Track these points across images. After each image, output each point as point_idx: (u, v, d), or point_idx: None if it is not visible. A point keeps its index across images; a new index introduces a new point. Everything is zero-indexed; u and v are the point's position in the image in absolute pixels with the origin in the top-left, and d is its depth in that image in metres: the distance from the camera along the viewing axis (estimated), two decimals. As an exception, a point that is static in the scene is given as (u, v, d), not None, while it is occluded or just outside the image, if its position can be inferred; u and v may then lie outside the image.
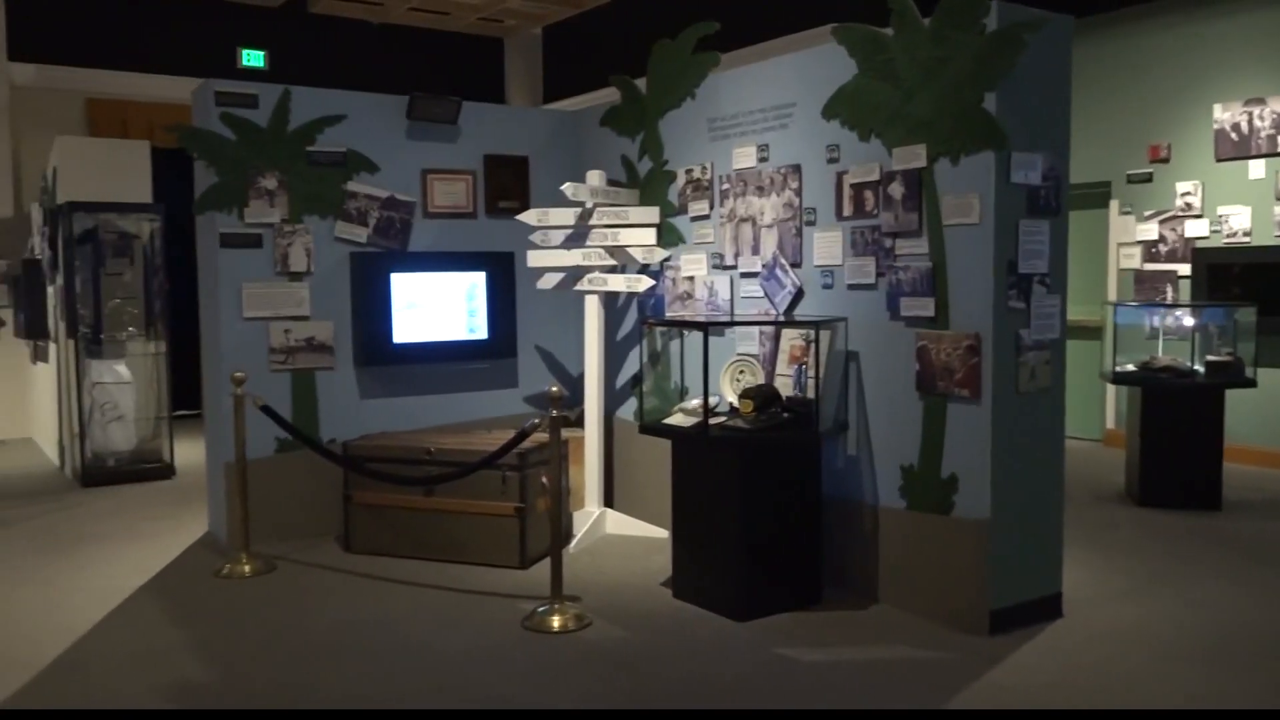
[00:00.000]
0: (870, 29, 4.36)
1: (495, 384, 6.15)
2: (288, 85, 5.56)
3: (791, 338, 4.74)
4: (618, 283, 5.48)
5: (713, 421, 4.41)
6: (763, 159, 4.96)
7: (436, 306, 5.86)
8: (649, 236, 5.44)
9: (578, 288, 5.56)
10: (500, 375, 6.17)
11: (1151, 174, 8.05)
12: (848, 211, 4.56)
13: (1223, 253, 7.57)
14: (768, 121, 4.93)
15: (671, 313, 5.50)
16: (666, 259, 5.51)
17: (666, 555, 4.83)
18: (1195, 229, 7.78)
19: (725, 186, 5.18)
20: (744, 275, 5.09)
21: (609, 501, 5.85)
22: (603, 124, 5.97)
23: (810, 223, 4.74)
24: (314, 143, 5.58)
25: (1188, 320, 6.84)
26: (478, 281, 5.95)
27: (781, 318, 4.82)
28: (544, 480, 4.82)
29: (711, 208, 5.27)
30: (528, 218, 5.54)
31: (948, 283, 4.15)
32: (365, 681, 3.73)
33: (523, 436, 4.58)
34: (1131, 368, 6.51)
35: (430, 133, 5.91)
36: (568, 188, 5.34)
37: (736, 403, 4.56)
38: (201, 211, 5.50)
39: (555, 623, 4.22)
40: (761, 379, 4.83)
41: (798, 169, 4.78)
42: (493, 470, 4.90)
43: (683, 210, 5.44)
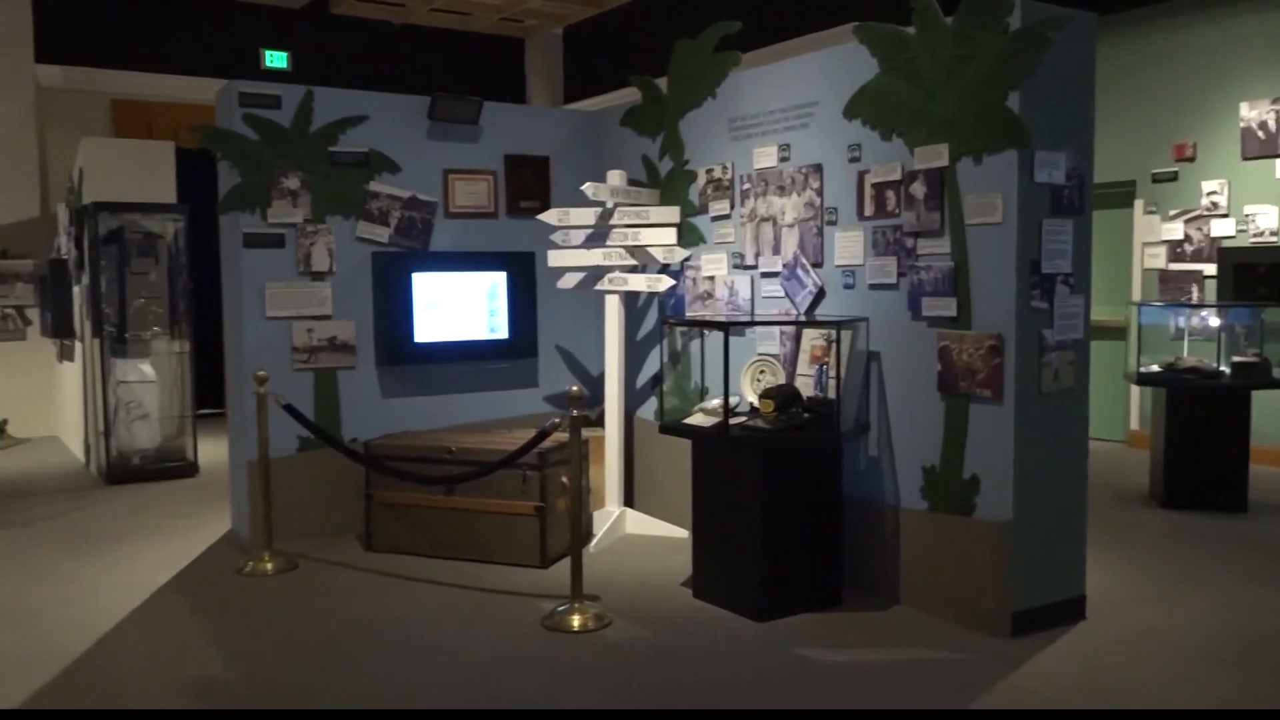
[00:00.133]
0: (892, 28, 4.34)
1: (516, 383, 6.17)
2: (310, 86, 5.60)
3: (812, 338, 4.73)
4: (638, 282, 5.48)
5: (733, 421, 4.40)
6: (784, 158, 4.95)
7: (457, 306, 5.88)
8: (669, 236, 5.43)
9: (598, 287, 5.57)
10: (521, 375, 6.19)
11: (1177, 173, 7.98)
12: (869, 211, 4.54)
13: (1249, 252, 7.49)
14: (789, 121, 4.92)
15: (692, 312, 5.49)
16: (687, 259, 5.50)
17: (686, 555, 4.82)
18: (1221, 228, 7.70)
19: (746, 186, 5.17)
20: (765, 275, 5.08)
21: (629, 501, 5.85)
22: (623, 124, 5.98)
23: (831, 222, 4.73)
24: (336, 143, 5.61)
25: (1213, 320, 6.77)
26: (498, 281, 5.97)
27: (802, 318, 4.81)
28: (564, 480, 4.83)
29: (732, 207, 5.27)
30: (548, 217, 5.55)
31: (970, 283, 4.12)
32: (385, 680, 3.75)
33: (543, 436, 4.58)
34: (1156, 368, 6.45)
35: (451, 133, 5.93)
36: (588, 187, 5.35)
37: (757, 403, 4.55)
38: (225, 211, 5.54)
39: (575, 622, 4.22)
40: (782, 379, 4.82)
41: (819, 168, 4.76)
42: (513, 470, 4.92)
43: (703, 210, 5.43)
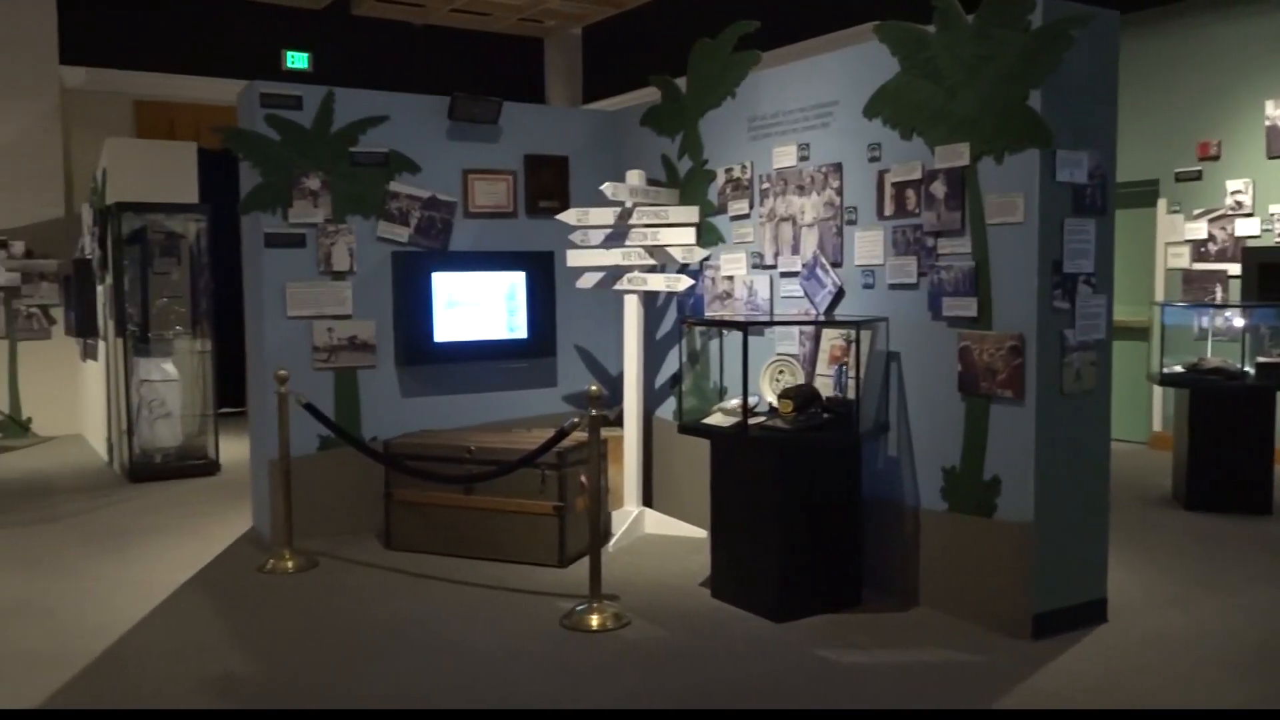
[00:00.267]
0: (913, 26, 4.32)
1: (535, 383, 6.18)
2: (331, 87, 5.62)
3: (832, 338, 4.72)
4: (657, 282, 5.48)
5: (752, 421, 4.40)
6: (803, 158, 4.94)
7: (477, 306, 5.90)
8: (688, 236, 5.43)
9: (617, 287, 5.57)
10: (540, 374, 6.20)
11: (1201, 172, 7.90)
12: (889, 211, 4.52)
13: (1274, 252, 7.40)
14: (808, 120, 4.90)
15: (711, 312, 5.49)
16: (706, 258, 5.50)
17: (705, 555, 4.82)
18: (1246, 228, 7.62)
19: (765, 186, 5.16)
20: (784, 275, 5.07)
21: (648, 501, 5.85)
22: (643, 123, 5.98)
23: (851, 222, 4.71)
24: (357, 143, 5.63)
25: (1237, 321, 6.71)
26: (518, 281, 5.98)
27: (822, 318, 4.79)
28: (583, 479, 4.84)
29: (751, 207, 5.26)
30: (567, 217, 5.55)
31: (990, 282, 4.10)
32: (404, 678, 3.76)
33: (562, 435, 4.59)
34: (1179, 369, 6.39)
35: (471, 133, 5.94)
36: (607, 187, 5.35)
37: (776, 403, 4.55)
38: (247, 211, 5.57)
39: (594, 621, 4.22)
40: (801, 379, 4.80)
41: (839, 168, 4.75)
42: (532, 469, 4.92)
43: (722, 210, 5.42)
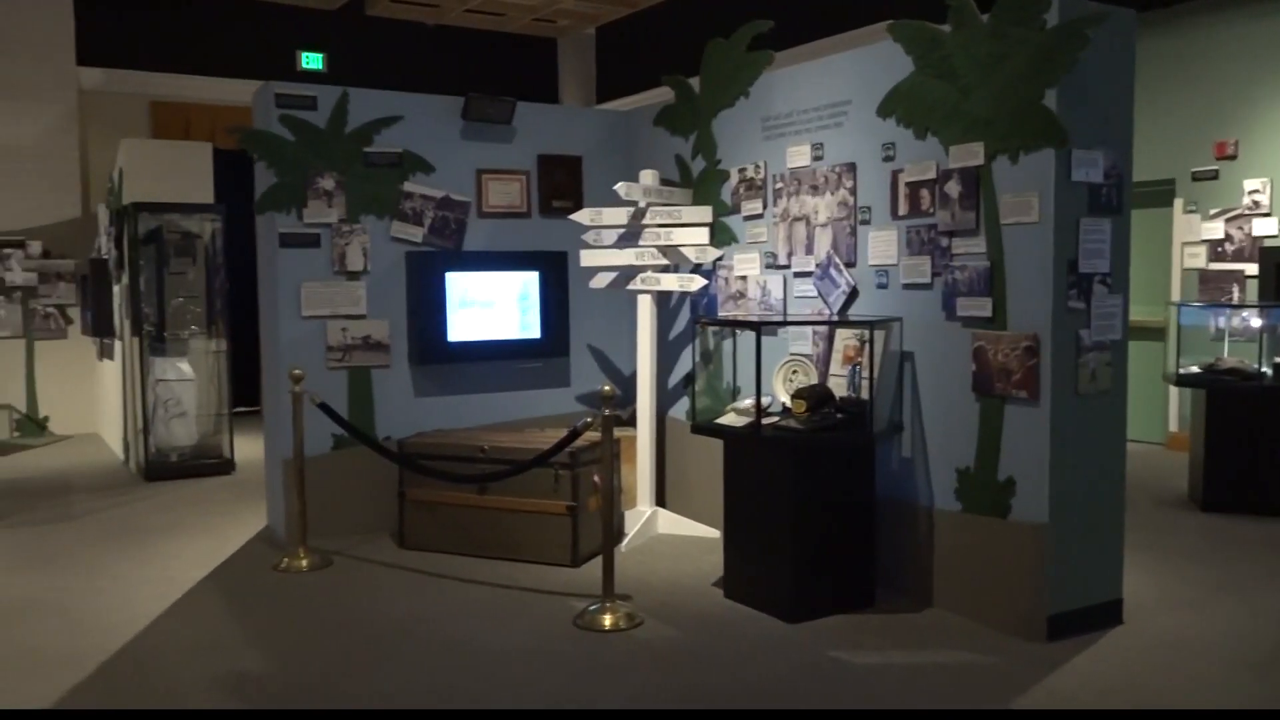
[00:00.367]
0: (927, 25, 4.31)
1: (548, 383, 6.18)
2: (346, 87, 5.64)
3: (845, 338, 4.71)
4: (670, 282, 5.47)
5: (765, 421, 4.39)
6: (817, 157, 4.93)
7: (490, 306, 5.90)
8: (702, 236, 5.42)
9: (630, 287, 5.57)
10: (553, 374, 6.20)
11: (1218, 171, 7.85)
12: (903, 210, 4.51)
13: (1292, 252, 7.36)
14: (822, 120, 4.90)
15: (724, 312, 5.48)
16: (719, 258, 5.49)
17: (718, 555, 4.81)
18: (1263, 227, 7.57)
19: (779, 185, 5.15)
20: (797, 275, 5.06)
21: (661, 501, 5.85)
22: (656, 123, 5.98)
23: (865, 221, 4.70)
24: (371, 143, 5.65)
25: (1255, 321, 6.66)
26: (531, 281, 5.99)
27: (835, 318, 4.78)
28: (596, 479, 4.84)
29: (765, 207, 5.25)
30: (581, 217, 5.56)
31: (1005, 282, 4.08)
32: (417, 676, 3.77)
33: (575, 435, 4.59)
34: (1196, 369, 6.36)
35: (485, 133, 5.95)
36: (621, 187, 5.35)
37: (789, 403, 4.54)
38: (262, 212, 5.59)
39: (607, 621, 4.23)
40: (815, 379, 4.80)
41: (852, 167, 4.74)
42: (545, 468, 4.93)
43: (736, 209, 5.42)
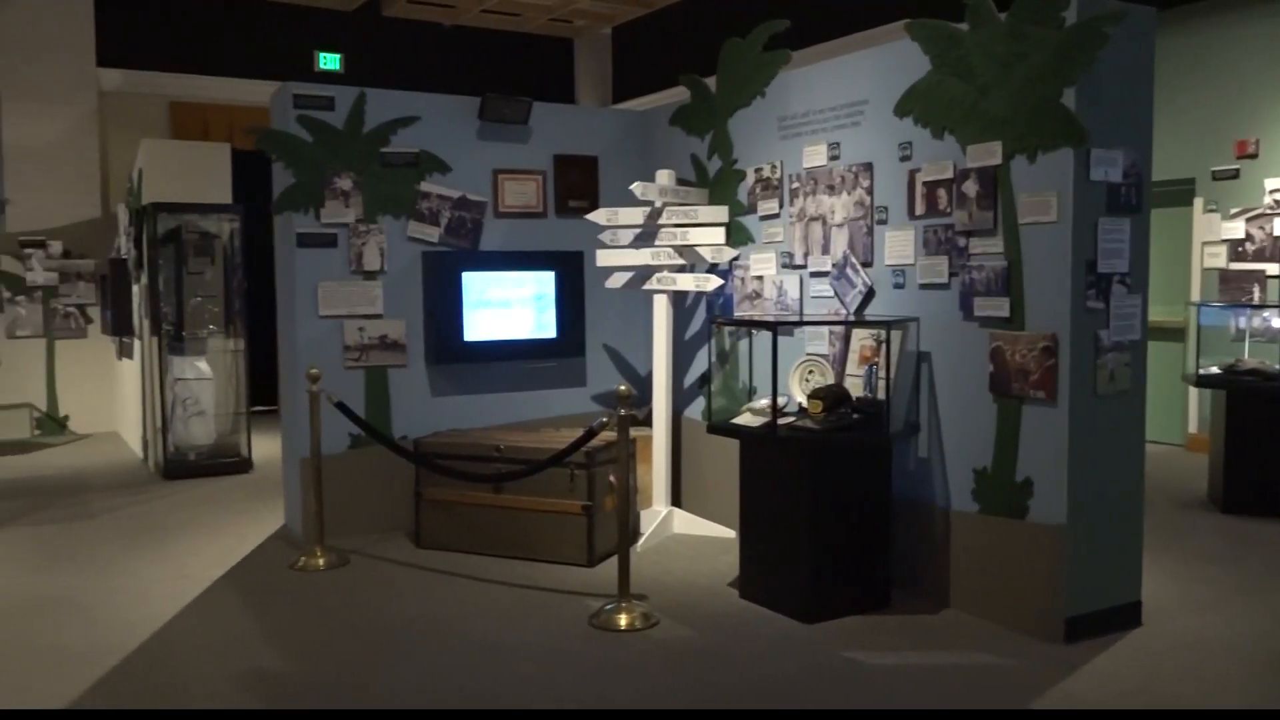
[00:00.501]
0: (944, 24, 4.29)
1: (564, 382, 6.19)
2: (363, 88, 5.66)
3: (862, 338, 4.69)
4: (686, 282, 5.47)
5: (781, 422, 4.38)
6: (833, 157, 4.92)
7: (506, 305, 5.91)
8: (718, 236, 5.42)
9: (646, 287, 5.57)
10: (569, 374, 6.21)
11: (1238, 170, 7.79)
12: (920, 210, 4.49)
13: (1314, 252, 7.29)
14: (839, 119, 4.88)
15: (740, 312, 5.48)
16: (735, 258, 5.49)
17: (734, 555, 4.81)
18: (1284, 227, 7.51)
19: (795, 185, 5.14)
20: (814, 275, 5.05)
21: (676, 501, 5.85)
22: (672, 123, 5.97)
23: (882, 221, 4.68)
24: (388, 144, 5.67)
25: (1276, 321, 6.61)
26: (547, 280, 5.99)
27: (852, 318, 4.77)
28: (611, 479, 4.85)
29: (781, 207, 5.24)
30: (597, 217, 5.56)
31: (1023, 282, 4.06)
32: (433, 675, 3.78)
33: (591, 435, 4.60)
34: (1216, 370, 6.31)
35: (501, 133, 5.96)
36: (637, 187, 5.35)
37: (805, 403, 4.53)
38: (279, 212, 5.62)
39: (622, 621, 4.23)
40: (831, 379, 4.78)
41: (869, 167, 4.72)
42: (561, 468, 4.93)
43: (752, 209, 5.41)
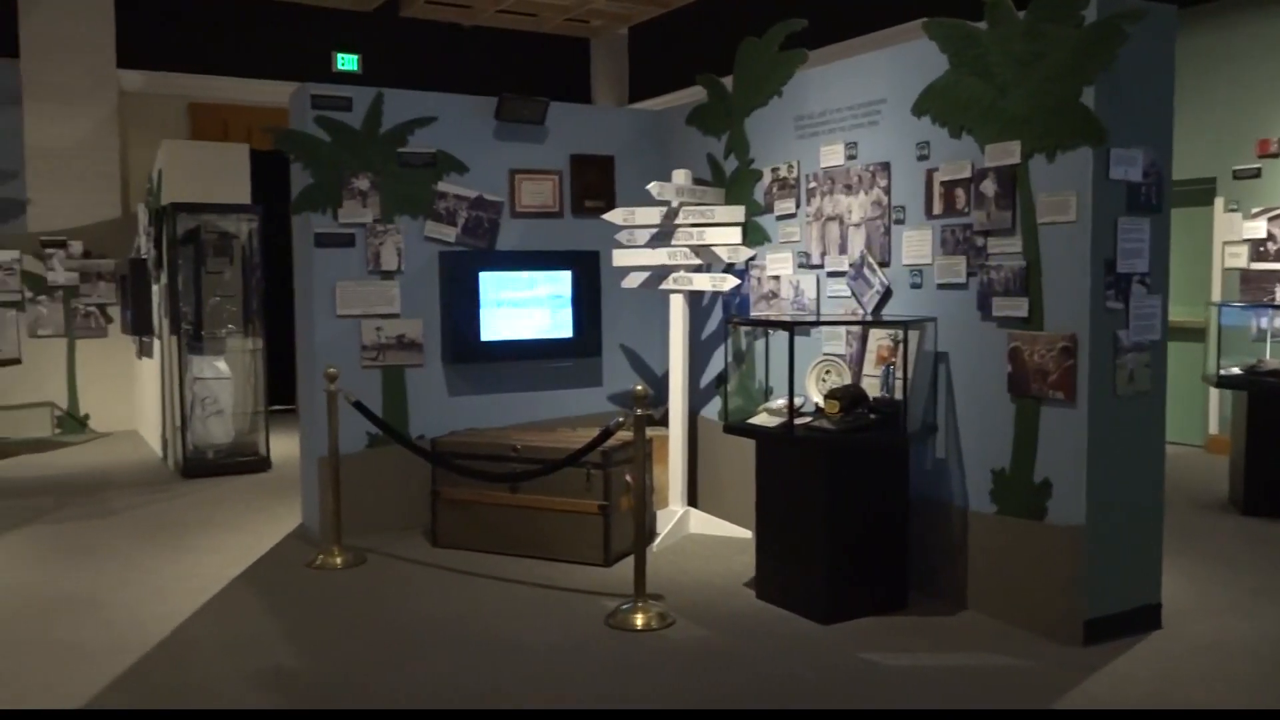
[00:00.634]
0: (962, 23, 4.27)
1: (580, 382, 6.19)
2: (380, 88, 5.68)
3: (879, 338, 4.68)
4: (703, 282, 5.46)
5: (798, 422, 4.37)
6: (851, 157, 4.90)
7: (523, 305, 5.92)
8: (734, 235, 5.41)
9: (663, 287, 5.56)
10: (585, 373, 6.21)
11: (1260, 169, 7.72)
12: (938, 210, 4.47)
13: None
14: (856, 119, 4.87)
15: (756, 312, 5.47)
16: (752, 258, 5.48)
17: (750, 555, 4.80)
18: (1307, 227, 7.44)
19: (812, 185, 5.13)
20: (831, 274, 5.04)
21: (692, 501, 5.84)
22: (689, 123, 5.97)
23: (899, 221, 4.67)
24: (405, 144, 5.69)
25: (1298, 322, 6.55)
26: (564, 280, 6.00)
27: (869, 317, 4.76)
28: (628, 478, 4.85)
29: (798, 206, 5.23)
30: (613, 217, 5.56)
31: (1042, 282, 4.04)
32: (450, 674, 3.79)
33: (607, 435, 4.60)
34: (1237, 371, 6.26)
35: (518, 133, 5.97)
36: (653, 187, 5.35)
37: (822, 403, 4.52)
38: (298, 212, 5.65)
39: (638, 621, 4.23)
40: (848, 379, 4.77)
41: (886, 166, 4.71)
42: (577, 468, 4.94)
43: (768, 209, 5.40)
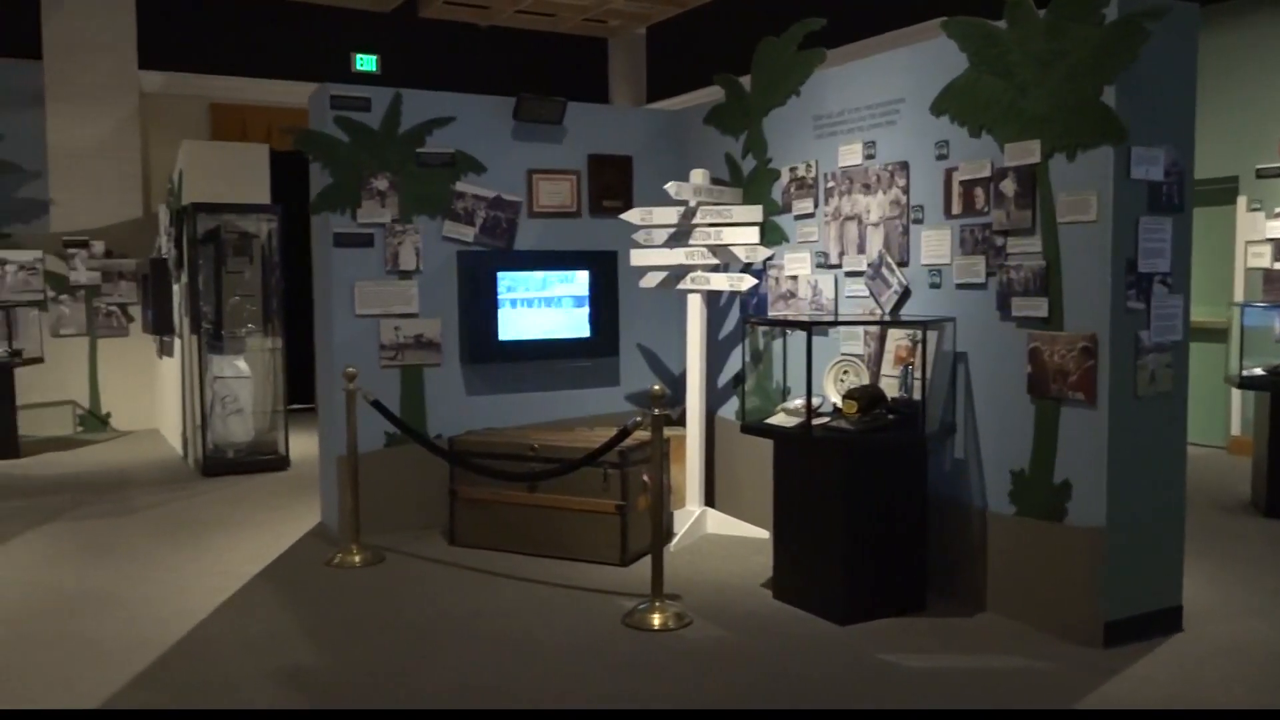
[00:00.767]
0: (981, 22, 4.25)
1: (598, 382, 6.20)
2: (399, 88, 5.70)
3: (897, 338, 4.66)
4: (720, 282, 5.46)
5: (816, 422, 4.36)
6: (869, 156, 4.89)
7: (541, 305, 5.94)
8: (752, 235, 5.40)
9: (680, 286, 5.56)
10: (603, 373, 6.22)
11: (1283, 168, 7.66)
12: (957, 209, 4.45)
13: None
14: (874, 118, 4.85)
15: (774, 312, 5.46)
16: (769, 258, 5.47)
17: (767, 556, 4.79)
18: (1331, 226, 7.37)
19: (830, 184, 5.12)
20: (849, 274, 5.02)
21: (710, 501, 5.84)
22: (706, 122, 5.96)
23: (918, 220, 4.65)
24: (424, 144, 5.70)
25: (1321, 322, 6.49)
26: (581, 280, 6.00)
27: (887, 317, 4.74)
28: (645, 478, 4.85)
29: (816, 206, 5.21)
30: (631, 217, 5.56)
31: (1062, 282, 4.02)
32: (467, 672, 3.80)
33: (624, 434, 4.60)
34: (1260, 371, 6.21)
35: (536, 133, 5.98)
36: (671, 186, 5.35)
37: (840, 403, 4.51)
38: (317, 212, 5.67)
39: (655, 620, 4.23)
40: (866, 380, 4.76)
41: (905, 166, 4.69)
42: (594, 467, 4.94)
43: (786, 209, 5.39)
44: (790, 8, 6.14)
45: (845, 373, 4.87)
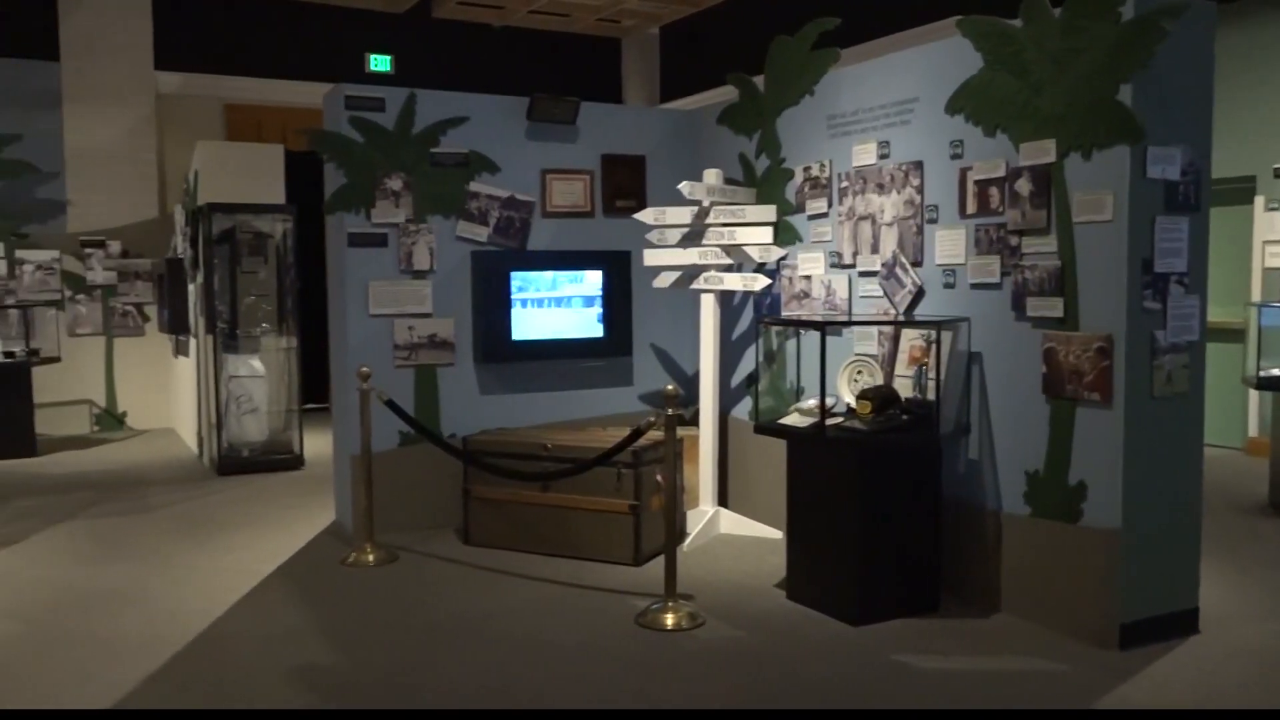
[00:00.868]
0: (996, 20, 4.24)
1: (611, 382, 6.20)
2: (413, 89, 5.72)
3: (911, 338, 4.65)
4: (734, 281, 5.45)
5: (830, 422, 4.36)
6: (883, 156, 4.87)
7: (554, 305, 5.94)
8: (766, 235, 5.40)
9: (694, 286, 5.56)
10: (616, 373, 6.22)
11: (1302, 168, 7.60)
12: (972, 209, 4.44)
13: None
14: (889, 117, 4.84)
15: (788, 312, 5.45)
16: (783, 258, 5.46)
17: (780, 556, 4.79)
18: (1350, 226, 7.32)
19: (844, 184, 5.10)
20: (863, 274, 5.01)
21: (723, 501, 5.83)
22: (720, 122, 5.96)
23: (932, 220, 4.63)
24: (438, 144, 5.72)
25: (1340, 322, 6.44)
26: (595, 280, 6.01)
27: (901, 317, 4.73)
28: (658, 478, 4.85)
29: (830, 206, 5.20)
30: (644, 217, 5.56)
31: (1077, 282, 4.00)
32: (480, 671, 3.81)
33: (638, 434, 4.60)
34: (1277, 372, 6.17)
35: (549, 133, 5.99)
36: (684, 186, 5.34)
37: (854, 404, 4.50)
38: (331, 212, 5.69)
39: (669, 620, 4.22)
40: (880, 380, 4.74)
41: (919, 165, 4.67)
42: (608, 467, 4.94)
43: (800, 209, 5.38)
44: (804, 7, 6.13)
45: (859, 373, 4.86)
